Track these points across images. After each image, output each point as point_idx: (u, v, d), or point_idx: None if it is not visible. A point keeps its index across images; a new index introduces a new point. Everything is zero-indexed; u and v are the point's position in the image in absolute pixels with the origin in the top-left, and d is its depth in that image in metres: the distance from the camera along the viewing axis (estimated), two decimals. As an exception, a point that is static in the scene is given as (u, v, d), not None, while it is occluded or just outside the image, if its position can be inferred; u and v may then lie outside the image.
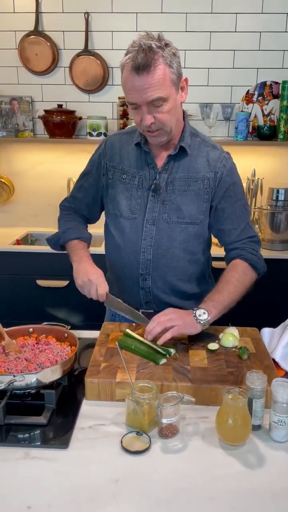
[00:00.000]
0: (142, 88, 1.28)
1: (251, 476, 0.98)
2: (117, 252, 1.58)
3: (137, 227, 1.52)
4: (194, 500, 0.91)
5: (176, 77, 1.33)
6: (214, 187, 1.50)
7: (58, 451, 1.04)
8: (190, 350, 1.38)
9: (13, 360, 1.24)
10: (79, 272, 1.46)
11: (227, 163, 1.51)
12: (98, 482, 0.95)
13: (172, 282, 1.56)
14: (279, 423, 1.07)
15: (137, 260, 1.54)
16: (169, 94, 1.32)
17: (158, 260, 1.53)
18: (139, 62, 1.26)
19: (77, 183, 1.69)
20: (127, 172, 1.53)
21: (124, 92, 1.36)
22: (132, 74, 1.28)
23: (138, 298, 1.59)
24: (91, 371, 1.24)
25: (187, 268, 1.56)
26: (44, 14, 2.91)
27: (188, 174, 1.49)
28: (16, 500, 0.90)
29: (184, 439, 1.08)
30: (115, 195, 1.55)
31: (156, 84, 1.28)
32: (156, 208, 1.50)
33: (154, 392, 1.10)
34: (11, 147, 3.11)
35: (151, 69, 1.27)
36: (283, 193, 2.77)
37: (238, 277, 1.47)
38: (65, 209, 1.71)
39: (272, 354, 1.38)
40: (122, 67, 1.32)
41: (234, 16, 2.84)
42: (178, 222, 1.50)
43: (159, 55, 1.28)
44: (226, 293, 1.43)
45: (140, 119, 1.36)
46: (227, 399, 1.05)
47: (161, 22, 2.86)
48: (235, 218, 1.53)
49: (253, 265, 1.51)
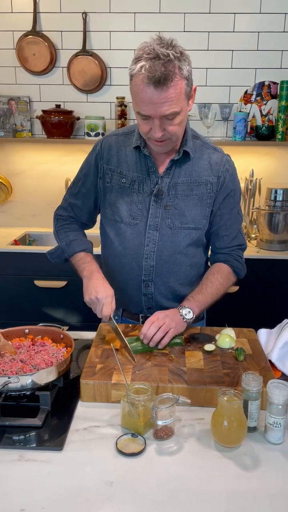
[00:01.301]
0: (158, 102, 1.22)
1: (246, 478, 0.98)
2: (118, 258, 1.55)
3: (139, 233, 1.49)
4: (189, 502, 0.91)
5: (190, 89, 1.29)
6: (217, 191, 1.49)
7: (52, 453, 1.04)
8: (186, 351, 1.38)
9: (8, 361, 1.23)
10: (89, 289, 1.41)
11: (230, 167, 1.50)
12: (92, 484, 0.94)
13: (174, 287, 1.55)
14: (274, 425, 1.06)
15: (140, 267, 1.51)
16: (182, 107, 1.28)
17: (161, 266, 1.51)
18: (158, 76, 1.18)
19: (72, 188, 1.61)
20: (126, 176, 1.48)
21: (134, 101, 1.29)
22: (148, 86, 1.20)
23: (140, 304, 1.57)
24: (87, 373, 1.24)
25: (189, 272, 1.55)
26: (42, 14, 2.91)
27: (190, 178, 1.47)
28: (9, 502, 0.90)
29: (180, 441, 1.08)
30: (114, 200, 1.51)
31: (173, 99, 1.23)
32: (159, 214, 1.47)
33: (149, 393, 1.10)
34: (9, 147, 3.11)
35: (170, 84, 1.20)
36: (281, 193, 2.76)
37: (222, 280, 1.52)
38: (62, 219, 1.62)
39: (268, 355, 1.38)
40: (134, 75, 1.23)
41: (232, 16, 2.83)
42: (182, 228, 1.48)
43: (177, 67, 1.21)
44: (209, 295, 1.48)
45: (149, 129, 1.31)
46: (222, 401, 1.05)
47: (159, 22, 2.85)
48: (229, 225, 1.53)
49: (236, 271, 1.56)
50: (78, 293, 2.60)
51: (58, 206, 1.66)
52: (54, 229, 1.63)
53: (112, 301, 1.39)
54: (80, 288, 2.84)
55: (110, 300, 1.39)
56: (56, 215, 1.64)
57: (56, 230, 1.62)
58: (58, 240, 1.60)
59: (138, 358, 1.33)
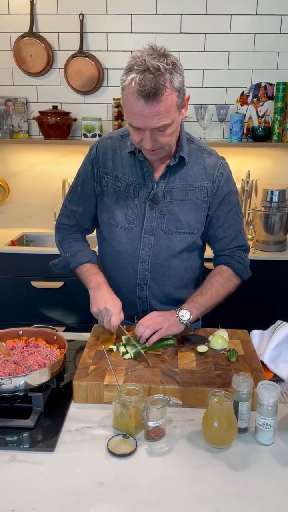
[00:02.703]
0: (148, 115, 1.22)
1: (236, 478, 0.98)
2: (113, 262, 1.55)
3: (135, 237, 1.49)
4: (180, 502, 0.92)
5: (181, 100, 1.29)
6: (212, 195, 1.49)
7: (44, 454, 1.04)
8: (179, 352, 1.38)
9: (1, 362, 1.24)
10: (97, 300, 1.43)
11: (225, 171, 1.50)
12: (83, 485, 0.95)
13: (169, 291, 1.56)
14: (264, 425, 1.07)
15: (135, 270, 1.52)
16: (173, 119, 1.27)
17: (156, 270, 1.51)
18: (148, 90, 1.17)
19: (71, 195, 1.59)
20: (121, 180, 1.47)
21: (125, 112, 1.29)
22: (139, 100, 1.20)
23: (135, 307, 1.58)
24: (80, 374, 1.25)
25: (184, 276, 1.56)
26: (39, 16, 2.91)
27: (185, 183, 1.47)
28: (0, 502, 0.91)
29: (171, 441, 1.09)
30: (110, 204, 1.50)
31: (163, 112, 1.22)
32: (154, 218, 1.47)
33: (141, 395, 1.10)
34: (6, 148, 3.11)
35: (161, 98, 1.20)
36: (278, 194, 2.77)
37: (222, 282, 1.51)
38: (65, 229, 1.61)
39: (261, 357, 1.39)
40: (125, 87, 1.23)
41: (228, 18, 2.84)
42: (177, 232, 1.49)
43: (168, 80, 1.20)
44: (209, 297, 1.48)
45: (140, 139, 1.31)
46: (213, 402, 1.06)
47: (156, 24, 2.86)
48: (227, 227, 1.53)
49: (238, 273, 1.55)
50: (75, 294, 2.60)
51: (59, 215, 1.64)
52: (57, 239, 1.62)
53: (120, 311, 1.42)
54: (77, 289, 2.83)
55: (119, 310, 1.41)
56: (59, 224, 1.63)
57: (59, 240, 1.61)
58: (61, 251, 1.60)
59: (131, 360, 1.33)
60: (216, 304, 1.50)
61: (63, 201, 1.64)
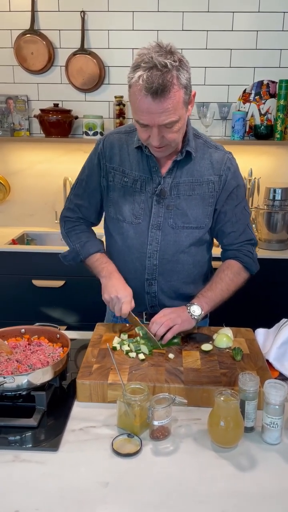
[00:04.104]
0: (155, 112, 1.23)
1: (243, 478, 0.97)
2: (121, 257, 1.55)
3: (142, 232, 1.49)
4: (185, 503, 0.90)
5: (188, 97, 1.29)
6: (219, 190, 1.48)
7: (48, 453, 1.03)
8: (183, 351, 1.37)
9: (4, 361, 1.22)
10: (108, 288, 1.45)
11: (232, 165, 1.50)
12: (87, 485, 0.94)
13: (177, 286, 1.56)
14: (271, 425, 1.06)
15: (143, 265, 1.52)
16: (181, 115, 1.28)
17: (164, 265, 1.51)
18: (155, 87, 1.18)
19: (76, 189, 1.59)
20: (128, 175, 1.48)
21: (133, 109, 1.29)
22: (146, 97, 1.21)
23: (144, 302, 1.57)
24: (83, 373, 1.23)
25: (192, 271, 1.56)
26: (40, 13, 2.89)
27: (192, 178, 1.47)
28: (4, 503, 0.89)
29: (176, 441, 1.07)
30: (117, 199, 1.51)
31: (171, 109, 1.23)
32: (161, 213, 1.47)
33: (146, 394, 1.09)
34: (7, 147, 3.10)
35: (168, 95, 1.20)
36: (280, 192, 2.76)
37: (232, 276, 1.51)
38: (70, 221, 1.61)
39: (266, 355, 1.37)
40: (132, 85, 1.23)
41: (231, 15, 2.82)
42: (184, 227, 1.48)
43: (175, 77, 1.21)
44: (219, 291, 1.48)
45: (148, 137, 1.31)
46: (219, 401, 1.04)
47: (158, 21, 2.84)
48: (235, 221, 1.53)
49: (247, 267, 1.55)
50: (76, 292, 2.59)
51: (63, 208, 1.64)
52: (63, 231, 1.62)
53: (131, 300, 1.44)
54: (78, 288, 2.82)
55: (130, 299, 1.44)
56: (63, 217, 1.63)
57: (66, 232, 1.61)
58: (69, 242, 1.60)
59: (135, 359, 1.32)
60: (226, 299, 1.50)
61: (68, 195, 1.64)
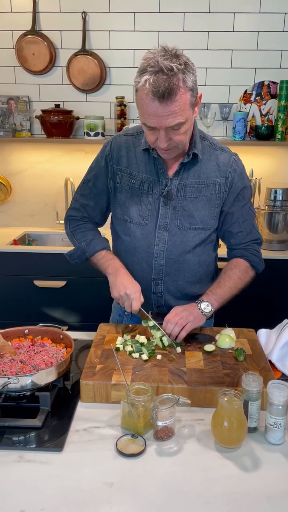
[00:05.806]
0: (162, 115, 1.24)
1: (246, 479, 0.97)
2: (128, 257, 1.56)
3: (149, 233, 1.51)
4: (189, 503, 0.91)
5: (195, 99, 1.30)
6: (226, 192, 1.50)
7: (52, 454, 1.03)
8: (186, 351, 1.37)
9: (8, 362, 1.23)
10: (116, 284, 1.46)
11: (238, 167, 1.51)
12: (92, 486, 0.94)
13: (183, 285, 1.57)
14: (274, 425, 1.06)
15: (150, 266, 1.53)
16: (187, 117, 1.29)
17: (170, 265, 1.53)
18: (162, 91, 1.20)
19: (82, 189, 1.61)
20: (136, 177, 1.49)
21: (140, 113, 1.30)
22: (153, 100, 1.22)
23: (150, 302, 1.58)
24: (87, 373, 1.24)
25: (198, 270, 1.57)
26: (41, 14, 2.90)
27: (199, 180, 1.48)
28: (9, 503, 0.90)
29: (180, 441, 1.08)
30: (124, 200, 1.52)
31: (177, 111, 1.24)
32: (168, 214, 1.49)
33: (150, 394, 1.09)
34: (8, 147, 3.10)
35: (175, 98, 1.22)
36: (281, 193, 2.76)
37: (239, 274, 1.54)
38: (75, 220, 1.62)
39: (268, 356, 1.38)
40: (139, 89, 1.25)
41: (231, 16, 2.83)
42: (191, 228, 1.50)
43: (181, 80, 1.22)
44: (228, 289, 1.51)
45: (155, 139, 1.32)
46: (223, 401, 1.04)
47: (159, 22, 2.85)
48: (242, 222, 1.55)
49: (254, 265, 1.58)
50: (77, 293, 2.59)
51: (69, 208, 1.66)
52: (68, 230, 1.63)
53: (140, 295, 1.44)
54: (79, 288, 2.82)
55: (139, 295, 1.44)
56: (69, 216, 1.64)
57: (71, 231, 1.62)
58: (75, 241, 1.61)
59: (138, 359, 1.32)
60: (233, 296, 1.52)
61: (74, 195, 1.66)
